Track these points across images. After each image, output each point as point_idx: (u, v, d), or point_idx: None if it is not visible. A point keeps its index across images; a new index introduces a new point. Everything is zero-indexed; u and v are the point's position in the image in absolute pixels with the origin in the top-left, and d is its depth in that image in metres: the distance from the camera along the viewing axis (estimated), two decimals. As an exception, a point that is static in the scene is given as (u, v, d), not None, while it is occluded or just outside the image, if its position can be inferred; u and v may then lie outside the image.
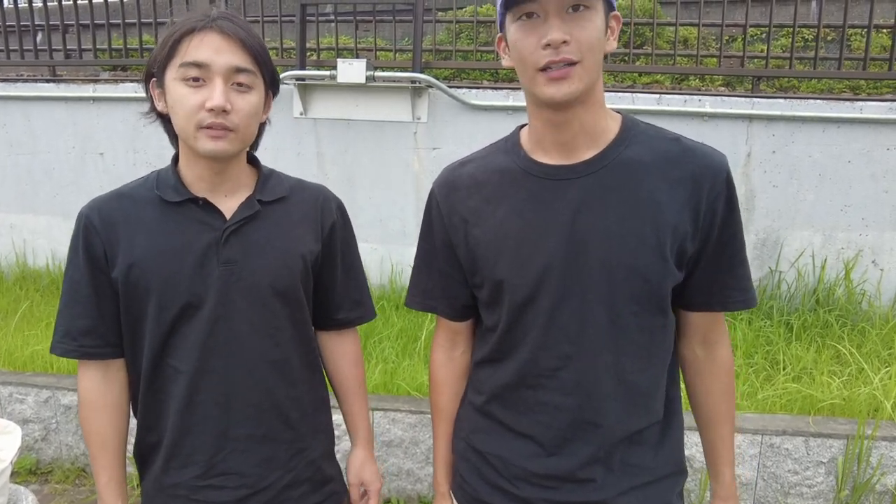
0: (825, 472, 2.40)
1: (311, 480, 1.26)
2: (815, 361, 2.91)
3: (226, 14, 1.09)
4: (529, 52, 0.97)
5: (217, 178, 1.16)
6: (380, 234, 3.92)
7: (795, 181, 3.51)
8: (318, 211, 1.25)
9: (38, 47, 4.49)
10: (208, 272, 1.13)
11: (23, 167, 4.39)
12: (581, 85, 0.96)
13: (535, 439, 1.10)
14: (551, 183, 1.05)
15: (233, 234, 1.15)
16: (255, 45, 1.10)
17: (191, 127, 1.07)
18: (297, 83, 3.81)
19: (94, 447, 1.20)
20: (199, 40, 1.05)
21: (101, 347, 1.18)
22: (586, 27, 0.95)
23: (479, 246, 1.10)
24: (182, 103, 1.06)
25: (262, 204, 1.18)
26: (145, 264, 1.12)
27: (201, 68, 1.05)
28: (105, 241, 1.14)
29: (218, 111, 1.05)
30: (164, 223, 1.14)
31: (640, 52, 4.02)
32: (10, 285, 4.20)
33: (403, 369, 2.89)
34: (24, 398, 2.85)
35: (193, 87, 1.06)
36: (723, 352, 1.16)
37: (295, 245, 1.20)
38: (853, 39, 4.20)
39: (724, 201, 1.04)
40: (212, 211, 1.15)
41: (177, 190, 1.15)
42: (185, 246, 1.13)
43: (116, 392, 1.21)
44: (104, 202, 1.17)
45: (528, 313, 1.06)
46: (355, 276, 1.34)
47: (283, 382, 1.20)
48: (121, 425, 1.22)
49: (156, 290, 1.12)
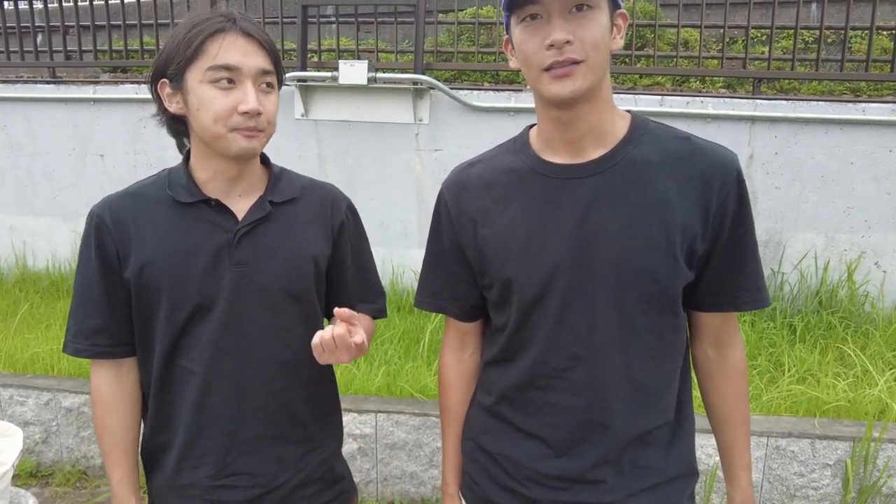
0: (831, 474, 2.39)
1: (322, 479, 1.27)
2: (819, 363, 2.90)
3: (243, 15, 1.10)
4: (534, 52, 0.97)
5: (234, 179, 1.15)
6: (381, 236, 3.91)
7: (798, 183, 3.51)
8: (328, 211, 1.25)
9: (38, 49, 4.49)
10: (220, 274, 1.12)
11: (23, 168, 4.38)
12: (585, 83, 0.96)
13: (545, 440, 1.09)
14: (560, 182, 1.05)
15: (245, 235, 1.14)
16: (272, 46, 1.11)
17: (222, 129, 1.07)
18: (298, 84, 3.80)
19: (107, 445, 1.20)
20: (229, 42, 1.05)
21: (114, 346, 1.17)
22: (589, 26, 0.95)
23: (487, 246, 1.09)
24: (212, 105, 1.06)
25: (273, 205, 1.18)
26: (157, 265, 1.12)
27: (232, 71, 1.05)
28: (117, 241, 1.14)
29: (253, 114, 1.06)
30: (175, 224, 1.13)
31: (641, 54, 4.03)
32: (10, 287, 4.18)
33: (406, 371, 2.88)
34: (24, 400, 2.84)
35: (224, 89, 1.06)
36: (736, 353, 1.15)
37: (305, 247, 1.20)
38: (854, 41, 4.20)
39: (735, 200, 1.03)
40: (224, 212, 1.14)
41: (189, 190, 1.14)
42: (196, 247, 1.13)
43: (129, 390, 1.20)
44: (115, 201, 1.16)
45: (537, 313, 1.06)
46: (367, 276, 1.33)
47: (293, 383, 1.20)
48: (133, 423, 1.22)
49: (167, 291, 1.12)
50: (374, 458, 2.61)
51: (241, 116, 1.06)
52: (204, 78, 1.06)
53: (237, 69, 1.05)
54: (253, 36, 1.08)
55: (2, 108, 4.34)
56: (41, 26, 4.51)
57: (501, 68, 3.98)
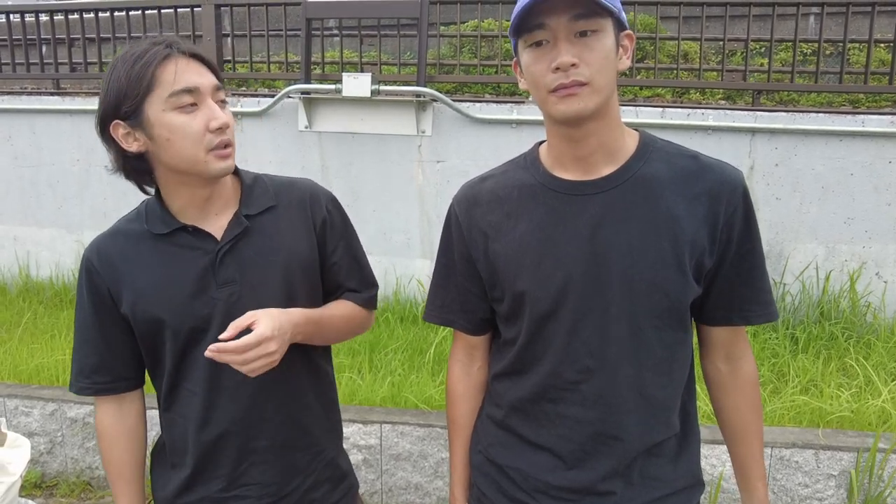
0: (836, 484, 2.40)
1: (330, 479, 1.29)
2: (821, 374, 2.91)
3: (178, 39, 1.10)
4: (541, 75, 0.99)
5: (207, 200, 1.16)
6: (384, 247, 3.93)
7: (798, 194, 3.53)
8: (307, 210, 1.23)
9: (43, 61, 4.52)
10: (210, 295, 1.14)
11: (27, 179, 4.40)
12: (591, 103, 0.99)
13: (555, 452, 1.10)
14: (571, 198, 1.06)
15: (227, 254, 1.15)
16: (213, 62, 1.13)
17: (200, 152, 1.07)
18: (302, 97, 3.83)
19: (112, 475, 1.25)
20: (182, 66, 1.06)
21: (113, 383, 1.22)
22: (595, 48, 0.97)
23: (499, 260, 1.11)
24: (185, 130, 1.06)
25: (250, 218, 1.18)
26: (149, 297, 1.15)
27: (193, 93, 1.06)
28: (108, 281, 1.17)
29: (225, 128, 1.07)
30: (158, 255, 1.16)
31: (642, 66, 4.06)
32: (14, 297, 4.19)
33: (411, 382, 2.88)
34: (29, 411, 2.84)
35: (190, 112, 1.06)
36: (747, 366, 1.16)
37: (290, 253, 1.19)
38: (852, 54, 4.24)
39: (742, 215, 1.05)
40: (202, 235, 1.16)
41: (164, 221, 1.16)
42: (182, 273, 1.14)
43: (132, 423, 1.25)
44: (101, 242, 1.20)
45: (549, 326, 1.07)
46: (356, 267, 1.30)
47: (295, 392, 1.22)
48: (138, 454, 1.26)
49: (166, 318, 1.14)
50: (379, 468, 2.61)
51: (213, 133, 1.07)
52: (166, 106, 1.05)
53: (197, 90, 1.06)
54: (197, 56, 1.09)
55: (7, 120, 4.37)
56: (46, 39, 4.55)
57: (503, 80, 4.01)
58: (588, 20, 0.96)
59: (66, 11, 4.45)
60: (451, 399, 1.26)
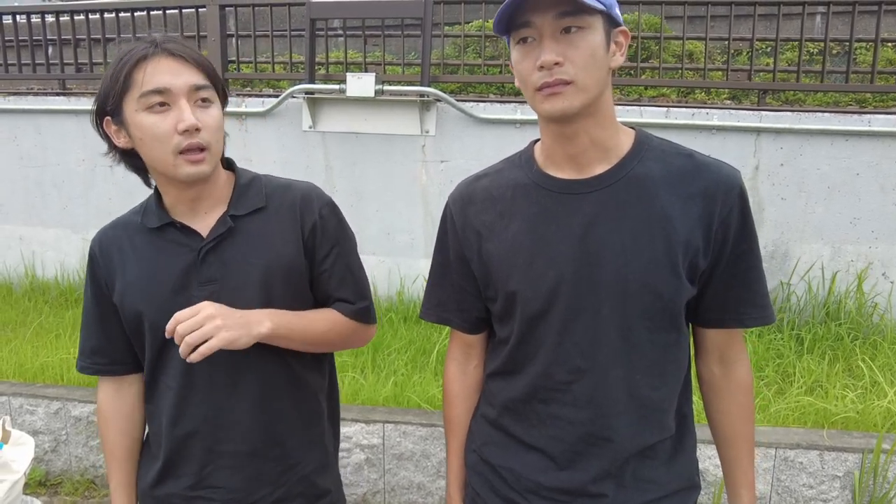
0: (840, 486, 2.38)
1: (303, 495, 1.26)
2: (827, 374, 2.89)
3: (169, 37, 1.10)
4: (528, 73, 0.99)
5: (194, 199, 1.16)
6: (388, 247, 3.93)
7: (804, 194, 3.51)
8: (297, 213, 1.20)
9: (48, 61, 4.54)
10: (190, 293, 1.14)
11: (32, 180, 4.43)
12: (576, 102, 0.97)
13: (547, 453, 1.10)
14: (564, 197, 1.05)
15: (210, 253, 1.15)
16: (203, 60, 1.11)
17: (169, 154, 1.07)
18: (306, 97, 3.84)
19: (107, 454, 1.30)
20: (153, 67, 1.05)
21: (110, 365, 1.26)
22: (580, 46, 0.95)
23: (492, 260, 1.10)
24: (153, 131, 1.06)
25: (236, 219, 1.16)
26: (134, 289, 1.17)
27: (163, 94, 1.05)
28: (105, 270, 1.21)
29: (192, 130, 1.06)
30: (148, 249, 1.18)
31: (646, 66, 4.05)
32: (20, 297, 4.21)
33: (414, 382, 2.88)
34: (34, 409, 2.86)
35: (160, 112, 1.06)
36: (741, 371, 1.14)
37: (275, 257, 1.17)
38: (859, 53, 4.22)
39: (737, 216, 1.03)
40: (189, 233, 1.16)
41: (157, 216, 1.18)
42: (166, 268, 1.16)
43: (128, 405, 1.28)
44: (105, 232, 1.24)
45: (541, 326, 1.06)
46: (348, 276, 1.24)
47: (267, 398, 1.19)
48: (132, 435, 1.29)
49: (146, 312, 1.16)
50: (382, 468, 2.61)
51: (182, 135, 1.05)
52: (139, 106, 1.06)
53: (167, 90, 1.05)
54: (179, 55, 1.07)
55: (13, 120, 4.39)
56: (52, 39, 4.57)
57: (507, 80, 4.00)
58: (574, 17, 0.95)
59: (71, 12, 4.47)
60: (448, 398, 1.26)
